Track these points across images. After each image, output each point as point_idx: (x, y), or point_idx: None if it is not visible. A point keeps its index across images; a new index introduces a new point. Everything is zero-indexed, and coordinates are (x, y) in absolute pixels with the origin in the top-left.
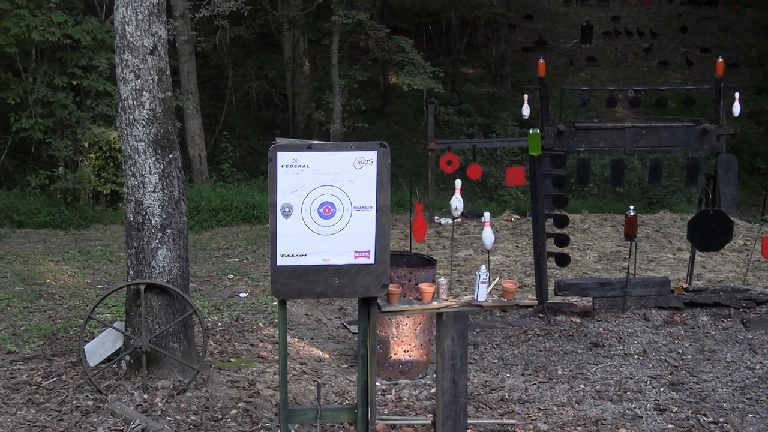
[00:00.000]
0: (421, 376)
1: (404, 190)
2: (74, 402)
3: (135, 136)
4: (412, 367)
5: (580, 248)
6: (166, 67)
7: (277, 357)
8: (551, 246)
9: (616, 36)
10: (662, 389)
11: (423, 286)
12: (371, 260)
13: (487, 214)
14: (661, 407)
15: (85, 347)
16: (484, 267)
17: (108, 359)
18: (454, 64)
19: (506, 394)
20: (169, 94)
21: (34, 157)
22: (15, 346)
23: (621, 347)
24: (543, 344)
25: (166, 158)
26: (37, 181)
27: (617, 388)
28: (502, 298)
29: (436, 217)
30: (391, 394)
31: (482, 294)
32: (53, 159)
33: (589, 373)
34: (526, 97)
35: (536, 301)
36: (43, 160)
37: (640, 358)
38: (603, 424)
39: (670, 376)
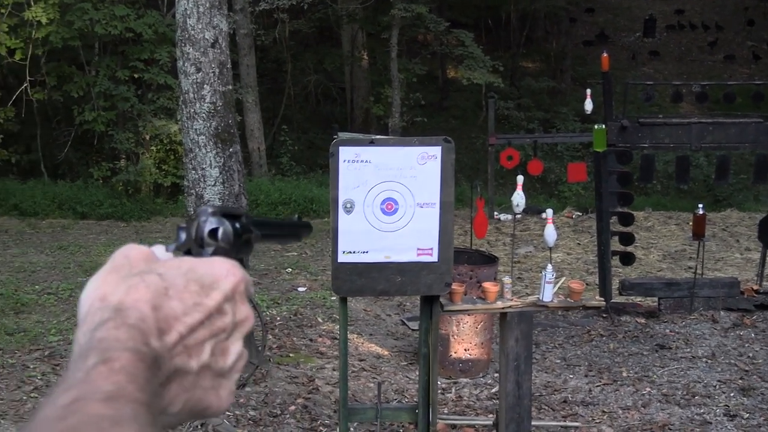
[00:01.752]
0: (481, 375)
1: (463, 185)
2: None
3: (196, 129)
4: (472, 366)
5: (644, 247)
6: (227, 61)
7: (335, 353)
8: (615, 244)
9: (680, 29)
10: (732, 394)
11: (487, 285)
12: (434, 258)
13: (549, 211)
14: (731, 413)
15: None
16: (550, 266)
17: None
18: (514, 58)
19: (569, 395)
20: (230, 87)
21: (96, 149)
22: None
23: (688, 350)
24: (607, 345)
25: (227, 152)
26: (100, 173)
27: (685, 392)
28: (568, 299)
29: (495, 213)
30: (450, 393)
31: (548, 294)
32: (115, 151)
33: (655, 376)
34: (588, 91)
35: (603, 303)
36: (105, 153)
37: (709, 361)
38: (670, 429)
39: (740, 381)
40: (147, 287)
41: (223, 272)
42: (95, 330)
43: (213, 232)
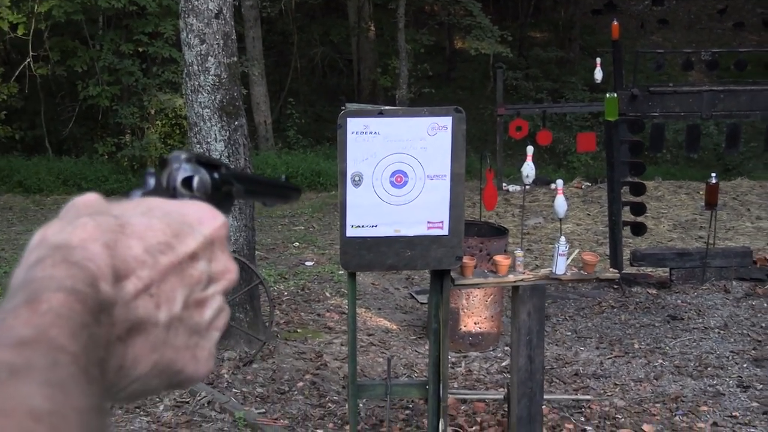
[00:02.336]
0: (491, 348)
1: (471, 157)
2: None
3: (200, 102)
4: (482, 340)
5: (654, 216)
6: (232, 32)
7: (344, 327)
8: (626, 214)
9: None
10: (745, 365)
11: (499, 258)
12: (445, 231)
13: (559, 182)
14: (744, 384)
15: None
16: (563, 239)
17: None
18: (522, 28)
19: (580, 368)
20: (235, 59)
21: (101, 124)
22: None
23: (700, 320)
24: (618, 316)
25: (232, 125)
26: (105, 148)
27: (697, 364)
28: (582, 271)
29: (504, 185)
30: (460, 367)
31: (561, 267)
32: (120, 126)
33: (667, 348)
34: (598, 60)
35: (617, 275)
36: (110, 128)
37: (721, 332)
38: (683, 401)
39: (753, 352)
40: (97, 225)
41: (199, 215)
42: (29, 270)
43: (187, 181)
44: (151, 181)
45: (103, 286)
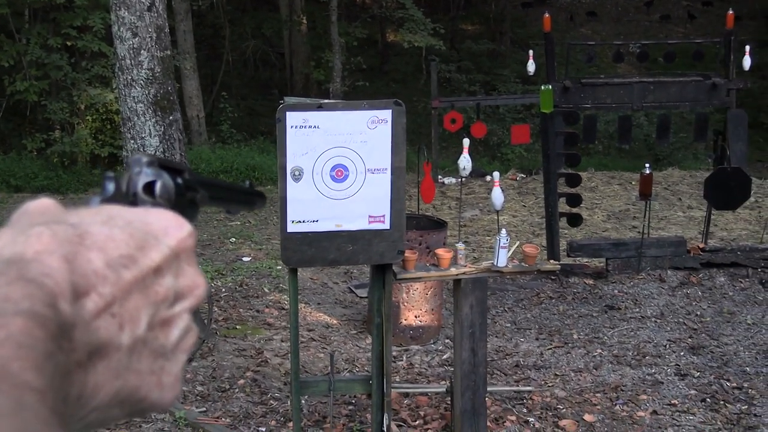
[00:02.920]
0: (432, 341)
1: (407, 150)
2: None
3: (134, 97)
4: (423, 333)
5: (589, 207)
6: (165, 25)
7: (284, 323)
8: (562, 206)
9: None
10: (682, 353)
11: (440, 251)
12: (386, 225)
13: (495, 174)
14: (682, 372)
15: None
16: (504, 231)
17: None
18: (453, 20)
19: (521, 359)
20: (168, 52)
21: (29, 120)
22: None
23: (637, 310)
24: (556, 307)
25: (167, 120)
26: (34, 144)
27: (636, 353)
28: (522, 263)
29: (439, 177)
30: (402, 360)
31: (502, 259)
32: (49, 122)
33: (605, 337)
34: (531, 53)
35: (558, 266)
36: (39, 124)
37: (658, 320)
38: (623, 390)
39: (689, 340)
40: (53, 235)
41: (164, 225)
42: None
43: (149, 186)
44: (110, 187)
45: (63, 305)
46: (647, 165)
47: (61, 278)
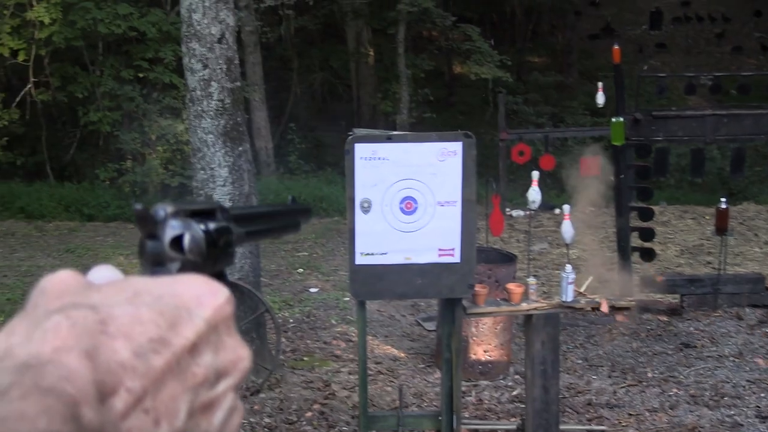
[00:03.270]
0: (501, 377)
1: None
2: None
3: (204, 128)
4: (492, 368)
5: (661, 242)
6: (235, 56)
7: (351, 356)
8: (634, 240)
9: (687, 22)
10: (762, 395)
11: (511, 286)
12: (456, 259)
13: (566, 207)
14: (763, 414)
15: None
16: (569, 267)
17: None
18: (520, 52)
19: (593, 397)
20: (238, 84)
21: (102, 150)
22: None
23: (714, 348)
24: (630, 344)
25: (236, 150)
26: (106, 174)
27: (713, 393)
28: (596, 299)
29: (507, 210)
30: (471, 396)
31: (569, 294)
32: (121, 152)
33: (681, 376)
34: (600, 84)
35: (633, 302)
36: (111, 153)
37: (736, 360)
38: None
39: None
40: (72, 326)
41: (196, 293)
42: None
43: (176, 242)
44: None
45: (86, 412)
46: (723, 199)
47: (82, 381)
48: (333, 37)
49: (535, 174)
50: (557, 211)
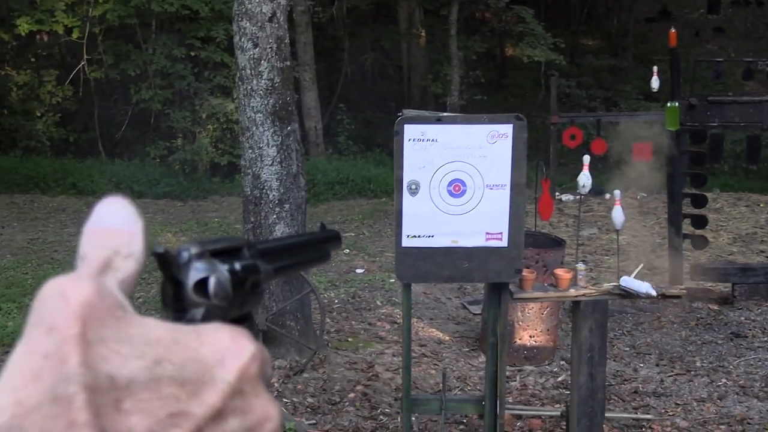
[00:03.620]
0: (546, 362)
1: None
2: None
3: (253, 107)
4: (537, 353)
5: (713, 229)
6: (285, 36)
7: (395, 337)
8: (686, 227)
9: (746, 5)
10: None
11: (559, 271)
12: (504, 243)
13: (617, 192)
14: None
15: None
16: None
17: None
18: (574, 35)
19: (640, 386)
20: (288, 63)
21: (153, 128)
22: None
23: (765, 339)
24: (678, 333)
25: (285, 130)
26: (156, 152)
27: (764, 384)
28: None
29: (557, 194)
30: (515, 381)
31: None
32: (172, 130)
33: (731, 367)
34: (655, 68)
35: (685, 291)
36: (162, 131)
37: None
38: (749, 423)
39: None
40: (83, 406)
41: (219, 353)
42: None
43: (200, 285)
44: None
45: None
46: None
47: None
48: (385, 18)
49: (586, 158)
50: (608, 196)
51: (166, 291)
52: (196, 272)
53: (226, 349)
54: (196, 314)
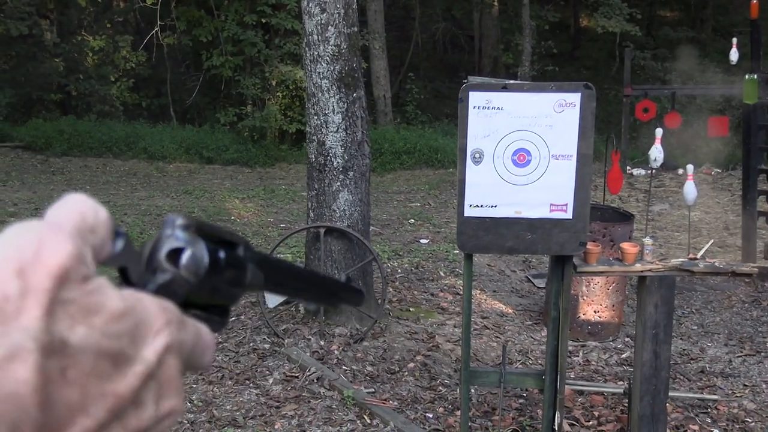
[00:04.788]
0: (611, 339)
1: (595, 138)
2: (251, 344)
3: (319, 72)
4: (601, 329)
5: None
6: (353, 1)
7: (457, 309)
8: (761, 204)
9: None
10: None
11: (626, 245)
12: (568, 215)
13: (689, 167)
14: None
15: None
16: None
17: (286, 302)
18: (651, 6)
19: (707, 365)
20: (355, 29)
21: (223, 94)
22: None
23: None
24: (749, 312)
25: (350, 97)
26: (226, 118)
27: None
28: (716, 263)
29: (628, 168)
30: (578, 356)
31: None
32: (242, 97)
33: None
34: (734, 41)
35: (755, 269)
36: (232, 98)
37: None
38: None
39: None
40: (34, 367)
41: (150, 325)
42: None
43: (174, 254)
44: (119, 243)
45: None
46: None
47: (30, 421)
48: None
49: (659, 131)
50: (680, 171)
51: (145, 249)
52: (175, 240)
53: (156, 319)
54: (159, 279)
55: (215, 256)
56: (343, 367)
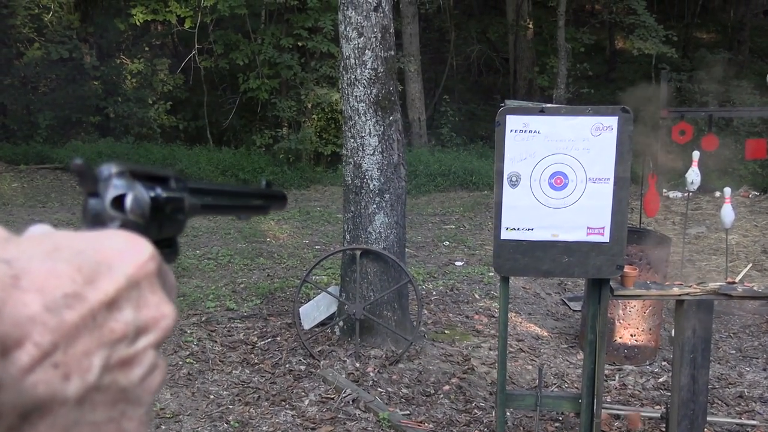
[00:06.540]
0: (647, 363)
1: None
2: (287, 365)
3: (356, 96)
4: (638, 353)
5: None
6: (390, 25)
7: (492, 331)
8: None
9: None
10: None
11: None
12: (605, 238)
13: (727, 190)
14: None
15: (300, 309)
16: None
17: (322, 323)
18: (687, 28)
19: (745, 390)
20: (392, 53)
21: (259, 117)
22: (234, 303)
23: None
24: None
25: (387, 120)
26: (262, 140)
27: None
28: (754, 288)
29: (664, 190)
30: (614, 380)
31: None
32: (278, 119)
33: None
34: None
35: None
36: (268, 121)
37: None
38: None
39: None
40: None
41: (119, 249)
42: None
43: (118, 201)
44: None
45: None
46: None
47: None
48: (492, 9)
49: (696, 154)
50: (717, 194)
51: (85, 204)
52: (114, 189)
53: (126, 246)
54: (111, 228)
55: (154, 194)
56: (379, 389)
